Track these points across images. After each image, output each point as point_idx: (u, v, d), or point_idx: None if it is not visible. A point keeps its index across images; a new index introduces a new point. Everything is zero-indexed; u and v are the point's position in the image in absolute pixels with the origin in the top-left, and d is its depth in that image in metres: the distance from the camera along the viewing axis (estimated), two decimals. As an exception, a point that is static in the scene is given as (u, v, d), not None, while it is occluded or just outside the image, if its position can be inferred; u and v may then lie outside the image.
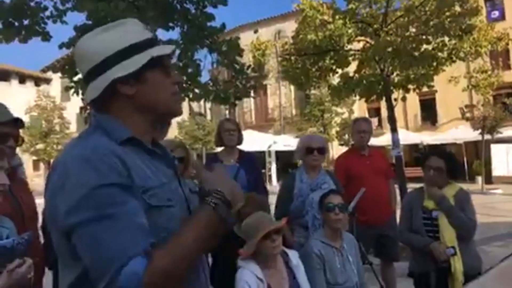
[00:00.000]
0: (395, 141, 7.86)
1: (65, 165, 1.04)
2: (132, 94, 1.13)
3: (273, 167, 25.05)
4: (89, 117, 1.24)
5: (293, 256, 2.58)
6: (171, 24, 5.52)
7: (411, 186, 3.84)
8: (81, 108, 5.82)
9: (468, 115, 19.52)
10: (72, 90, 5.37)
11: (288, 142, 21.89)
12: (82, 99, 5.99)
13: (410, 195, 3.46)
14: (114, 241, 0.96)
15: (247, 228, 2.47)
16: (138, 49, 1.13)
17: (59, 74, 6.21)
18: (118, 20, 1.20)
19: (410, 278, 3.30)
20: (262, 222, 2.43)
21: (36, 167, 29.29)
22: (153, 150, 1.19)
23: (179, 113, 1.23)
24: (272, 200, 3.59)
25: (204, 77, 5.94)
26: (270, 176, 24.10)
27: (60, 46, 5.38)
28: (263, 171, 15.88)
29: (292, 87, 27.68)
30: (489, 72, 12.96)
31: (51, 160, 28.13)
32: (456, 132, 21.79)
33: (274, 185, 20.05)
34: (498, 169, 20.09)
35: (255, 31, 21.71)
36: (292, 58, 9.13)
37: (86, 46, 1.14)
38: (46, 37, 5.51)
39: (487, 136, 17.59)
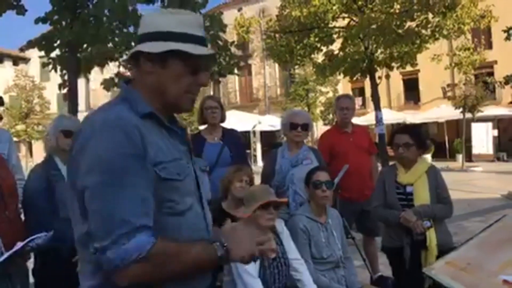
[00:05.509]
0: (379, 119, 7.91)
1: (91, 129, 1.15)
2: (150, 71, 1.25)
3: (258, 147, 25.06)
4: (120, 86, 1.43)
5: (279, 224, 2.72)
6: (151, -2, 5.37)
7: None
8: (59, 85, 5.64)
9: (449, 94, 19.75)
10: (50, 66, 5.21)
11: (273, 122, 21.86)
12: (61, 76, 5.84)
13: (383, 171, 3.48)
14: (118, 206, 1.07)
15: (250, 194, 2.63)
16: (172, 38, 1.23)
17: (38, 54, 6.01)
18: (186, 10, 1.36)
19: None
20: (265, 192, 2.60)
21: (16, 148, 28.76)
22: (170, 127, 1.29)
23: (187, 110, 1.33)
24: (256, 180, 3.57)
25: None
26: (255, 156, 24.13)
27: (36, 21, 5.20)
28: (248, 151, 15.89)
29: (276, 67, 27.53)
30: (471, 50, 13.08)
31: (32, 141, 27.67)
32: (438, 111, 22.08)
33: (259, 165, 20.11)
34: (478, 147, 20.54)
35: (239, 10, 21.41)
36: (277, 35, 9.05)
37: (148, 18, 1.31)
38: (21, 10, 5.28)
39: (468, 115, 17.86)
